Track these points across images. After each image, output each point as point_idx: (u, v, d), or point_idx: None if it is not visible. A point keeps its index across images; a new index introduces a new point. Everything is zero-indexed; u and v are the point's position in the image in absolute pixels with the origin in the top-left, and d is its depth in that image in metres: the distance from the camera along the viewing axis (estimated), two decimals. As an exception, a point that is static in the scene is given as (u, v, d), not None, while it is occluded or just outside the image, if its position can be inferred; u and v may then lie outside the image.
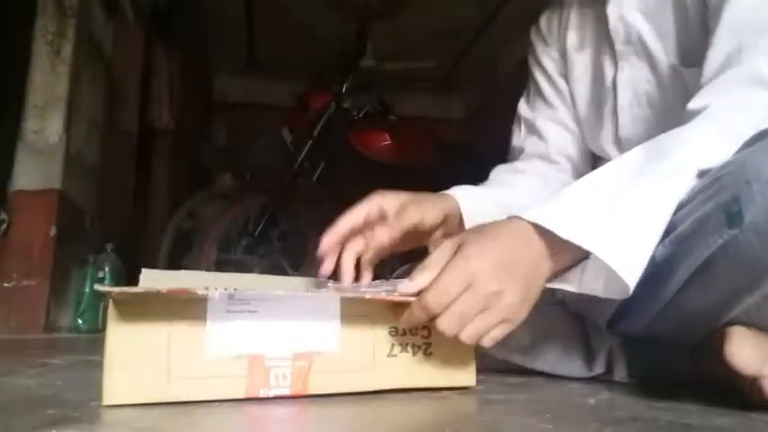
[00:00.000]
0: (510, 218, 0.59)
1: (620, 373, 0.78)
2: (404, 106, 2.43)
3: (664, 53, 0.77)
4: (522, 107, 1.00)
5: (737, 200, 0.54)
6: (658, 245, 0.62)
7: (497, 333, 0.57)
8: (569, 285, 0.59)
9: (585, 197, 0.58)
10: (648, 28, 0.78)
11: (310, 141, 2.19)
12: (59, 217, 1.71)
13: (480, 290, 0.55)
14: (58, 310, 1.74)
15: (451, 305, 0.55)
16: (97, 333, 1.78)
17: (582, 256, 0.58)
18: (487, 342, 0.58)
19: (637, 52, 0.80)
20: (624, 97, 0.82)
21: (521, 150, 0.98)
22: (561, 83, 0.95)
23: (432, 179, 2.06)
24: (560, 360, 0.83)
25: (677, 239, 0.60)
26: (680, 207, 0.60)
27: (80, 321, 1.80)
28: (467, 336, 0.56)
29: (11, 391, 0.61)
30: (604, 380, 0.79)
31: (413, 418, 0.53)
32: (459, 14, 3.13)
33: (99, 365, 0.49)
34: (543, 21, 0.98)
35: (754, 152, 0.55)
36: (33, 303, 1.65)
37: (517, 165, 0.96)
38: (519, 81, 1.03)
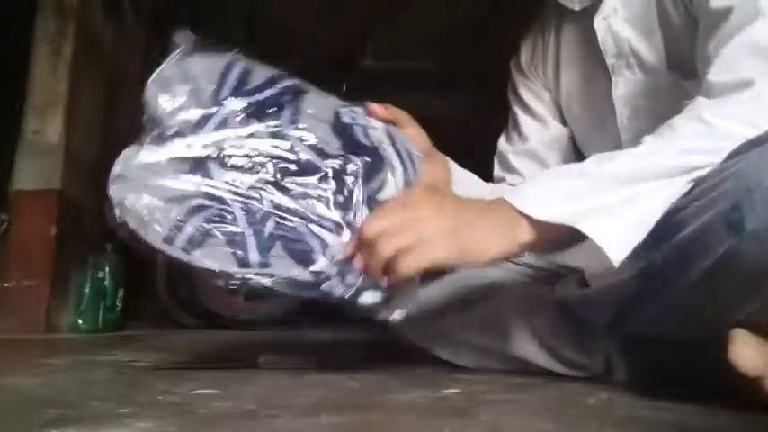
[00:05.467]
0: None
1: (620, 374, 0.79)
2: (404, 106, 2.42)
3: (657, 60, 0.75)
4: (501, 140, 1.00)
5: (738, 208, 0.53)
6: (656, 250, 0.61)
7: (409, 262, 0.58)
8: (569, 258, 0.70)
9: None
10: (637, 37, 0.76)
11: (310, 141, 2.19)
12: (59, 217, 1.71)
13: (410, 210, 0.60)
14: (58, 310, 1.74)
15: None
16: (97, 333, 1.78)
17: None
18: (402, 268, 0.58)
19: (629, 65, 0.78)
20: (623, 114, 0.80)
21: (498, 181, 0.98)
22: (542, 114, 0.94)
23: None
24: (560, 360, 0.83)
25: (678, 246, 0.60)
26: (678, 211, 0.60)
27: (80, 321, 1.80)
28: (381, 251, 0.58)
29: (11, 391, 0.61)
30: (604, 380, 0.79)
31: (412, 417, 0.53)
32: (460, 14, 3.13)
33: (99, 365, 0.49)
34: (523, 53, 0.97)
35: (754, 159, 0.54)
36: (33, 303, 1.65)
37: None
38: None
